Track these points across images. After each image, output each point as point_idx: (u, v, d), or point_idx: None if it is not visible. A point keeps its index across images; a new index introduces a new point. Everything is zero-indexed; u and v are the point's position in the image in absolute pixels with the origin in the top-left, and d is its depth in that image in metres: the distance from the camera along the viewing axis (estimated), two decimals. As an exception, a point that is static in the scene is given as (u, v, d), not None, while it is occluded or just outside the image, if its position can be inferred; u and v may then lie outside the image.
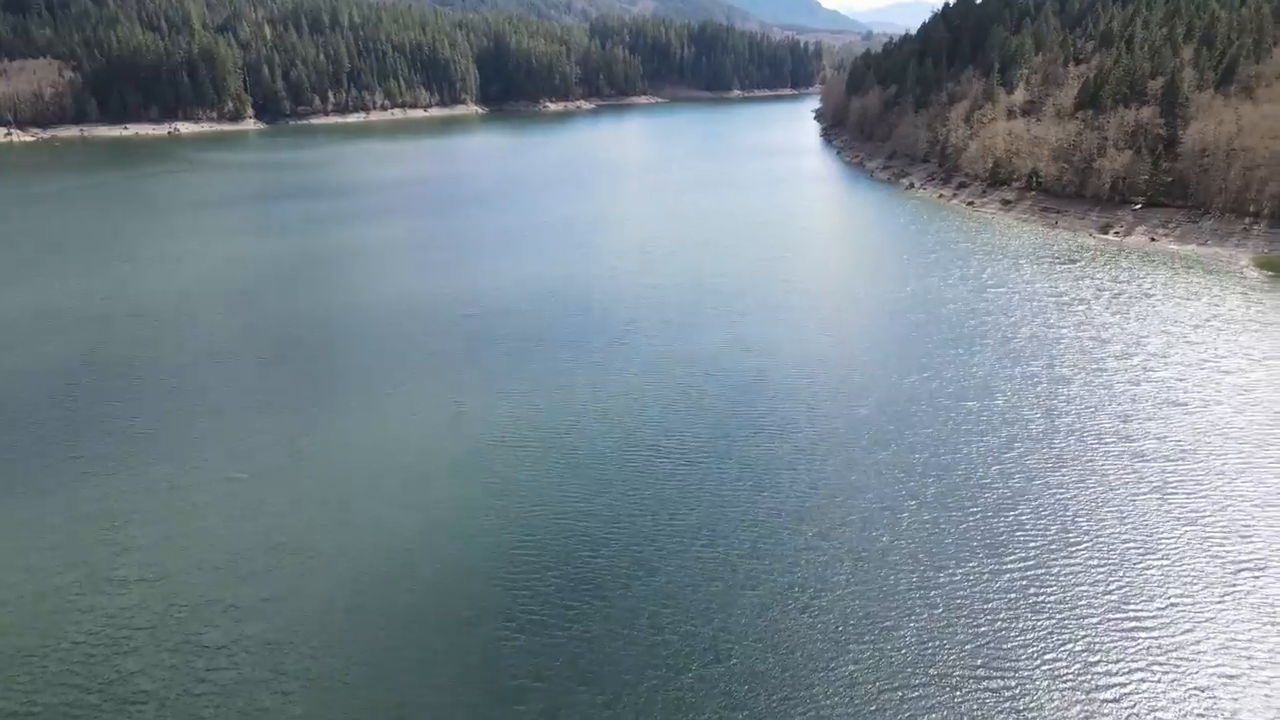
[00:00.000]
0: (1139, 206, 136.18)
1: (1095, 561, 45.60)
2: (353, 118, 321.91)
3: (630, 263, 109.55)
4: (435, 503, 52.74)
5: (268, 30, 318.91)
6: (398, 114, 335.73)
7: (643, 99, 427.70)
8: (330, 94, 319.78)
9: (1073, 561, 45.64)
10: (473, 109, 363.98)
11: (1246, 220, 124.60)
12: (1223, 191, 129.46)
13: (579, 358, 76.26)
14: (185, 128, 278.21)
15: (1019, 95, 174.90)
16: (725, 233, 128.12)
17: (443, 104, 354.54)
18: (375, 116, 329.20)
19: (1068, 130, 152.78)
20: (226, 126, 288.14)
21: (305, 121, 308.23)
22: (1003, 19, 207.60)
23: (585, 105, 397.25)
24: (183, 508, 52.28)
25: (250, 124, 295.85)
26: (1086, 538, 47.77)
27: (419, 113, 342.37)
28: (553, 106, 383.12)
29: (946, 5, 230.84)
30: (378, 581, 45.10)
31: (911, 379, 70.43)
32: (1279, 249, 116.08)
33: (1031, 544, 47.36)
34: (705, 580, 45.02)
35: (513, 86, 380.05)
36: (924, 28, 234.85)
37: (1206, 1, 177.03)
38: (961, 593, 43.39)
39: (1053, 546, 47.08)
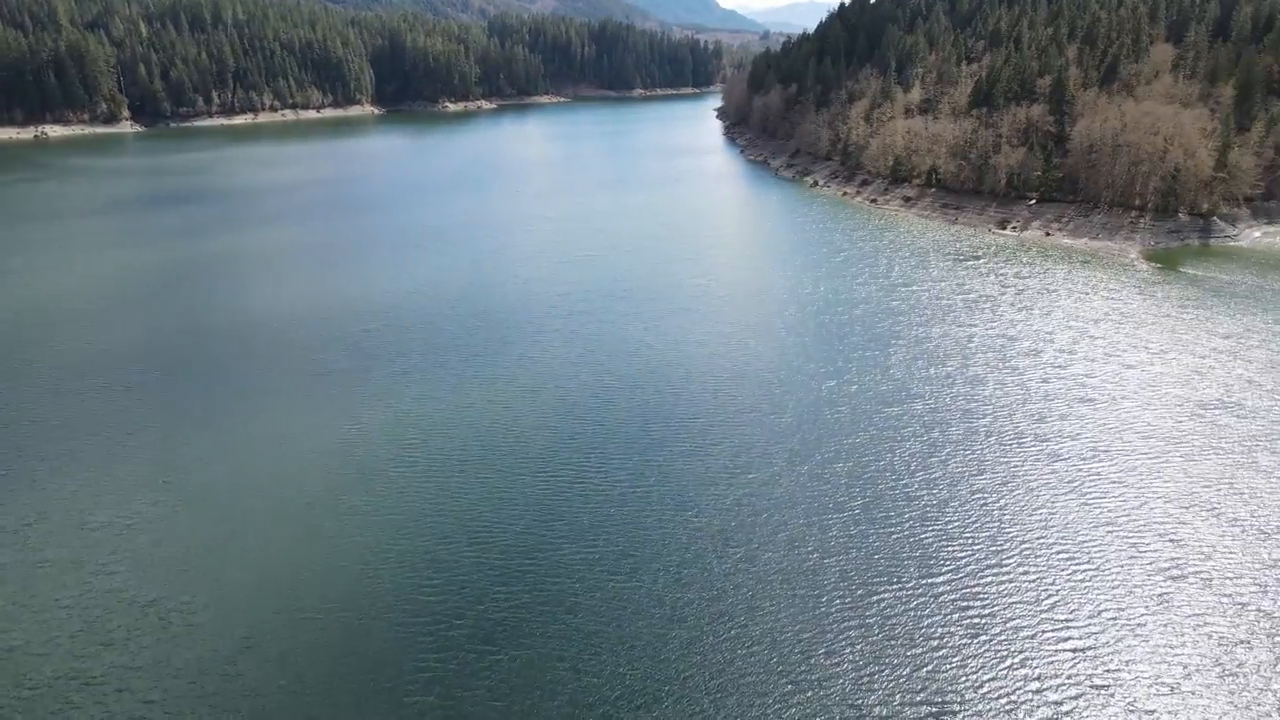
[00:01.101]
0: (1034, 202, 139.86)
1: (1024, 572, 44.54)
2: (240, 119, 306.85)
3: (537, 269, 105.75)
4: (324, 545, 48.14)
5: (143, 27, 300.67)
6: (288, 115, 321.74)
7: (545, 98, 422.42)
8: (215, 94, 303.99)
9: (1002, 573, 44.48)
10: (368, 110, 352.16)
11: (1133, 214, 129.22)
12: (1110, 186, 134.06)
13: (483, 374, 72.23)
14: (54, 131, 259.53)
15: (915, 94, 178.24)
16: (634, 235, 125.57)
17: (336, 105, 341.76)
18: (264, 118, 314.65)
19: (964, 128, 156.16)
20: (100, 129, 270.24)
21: (188, 124, 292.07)
22: (896, 19, 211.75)
23: (486, 105, 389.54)
24: (27, 563, 46.24)
25: (127, 126, 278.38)
26: (1014, 547, 46.76)
27: (311, 114, 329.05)
28: (452, 107, 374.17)
29: (842, 5, 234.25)
30: (259, 639, 40.43)
31: (830, 384, 69.04)
32: (1164, 242, 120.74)
33: (961, 556, 46.06)
34: (629, 616, 41.99)
35: (410, 86, 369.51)
36: (821, 27, 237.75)
37: (1087, 2, 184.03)
38: (895, 615, 41.58)
39: (982, 558, 45.88)
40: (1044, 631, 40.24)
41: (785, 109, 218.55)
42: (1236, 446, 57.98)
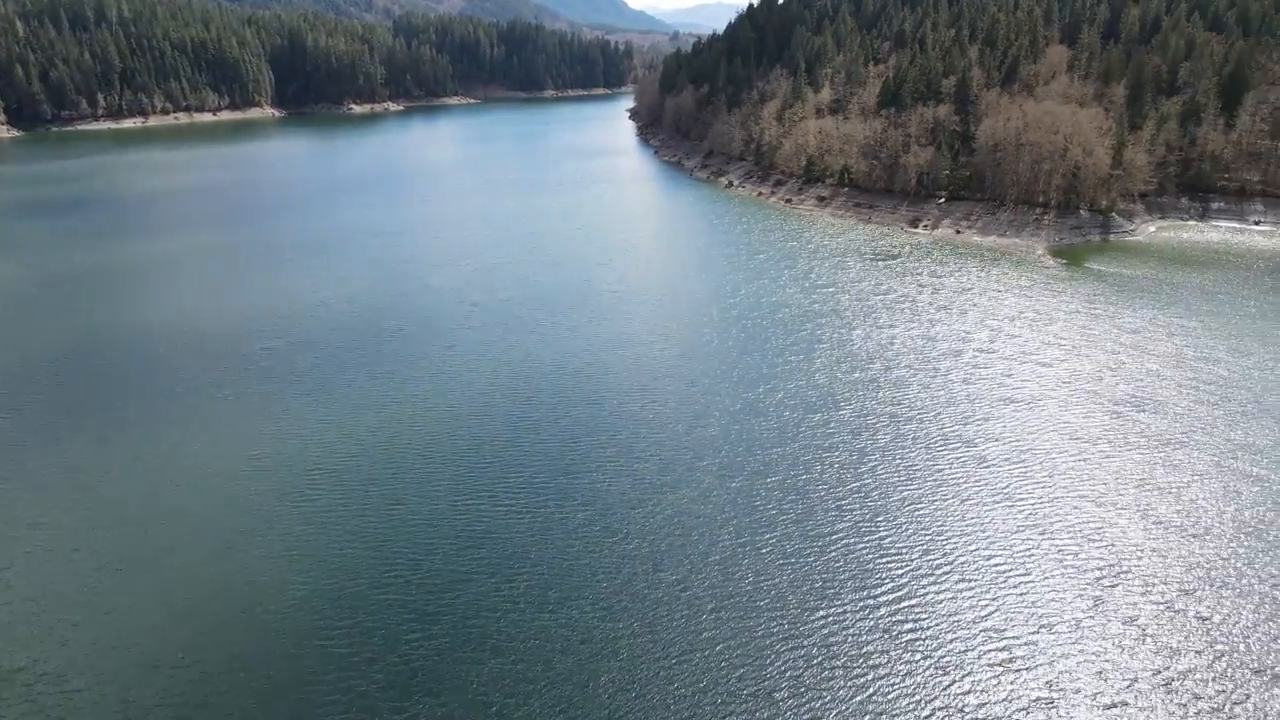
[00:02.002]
0: (943, 200, 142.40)
1: (961, 584, 43.69)
2: (129, 123, 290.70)
3: (449, 277, 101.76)
4: (214, 584, 44.05)
5: (19, 26, 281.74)
6: (182, 118, 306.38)
7: (454, 100, 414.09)
8: (100, 97, 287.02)
9: (939, 587, 43.53)
10: (268, 112, 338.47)
11: (1038, 210, 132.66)
12: (1015, 184, 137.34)
13: (392, 393, 68.38)
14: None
15: (826, 94, 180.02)
16: (549, 240, 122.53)
17: (234, 107, 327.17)
18: (155, 121, 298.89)
19: (873, 128, 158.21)
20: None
21: (71, 128, 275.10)
22: (804, 20, 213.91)
23: (393, 107, 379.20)
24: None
25: (3, 131, 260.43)
26: (949, 558, 45.92)
27: (207, 117, 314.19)
28: (358, 108, 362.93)
29: (750, 6, 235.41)
30: (153, 692, 36.37)
31: (755, 392, 67.66)
32: (1068, 238, 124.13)
33: (896, 570, 44.95)
34: (557, 654, 39.39)
35: (312, 88, 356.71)
36: (730, 28, 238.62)
37: (986, 5, 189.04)
38: (834, 638, 40.09)
39: (917, 571, 44.87)
40: (983, 646, 39.31)
41: (698, 109, 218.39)
42: (1153, 444, 58.79)
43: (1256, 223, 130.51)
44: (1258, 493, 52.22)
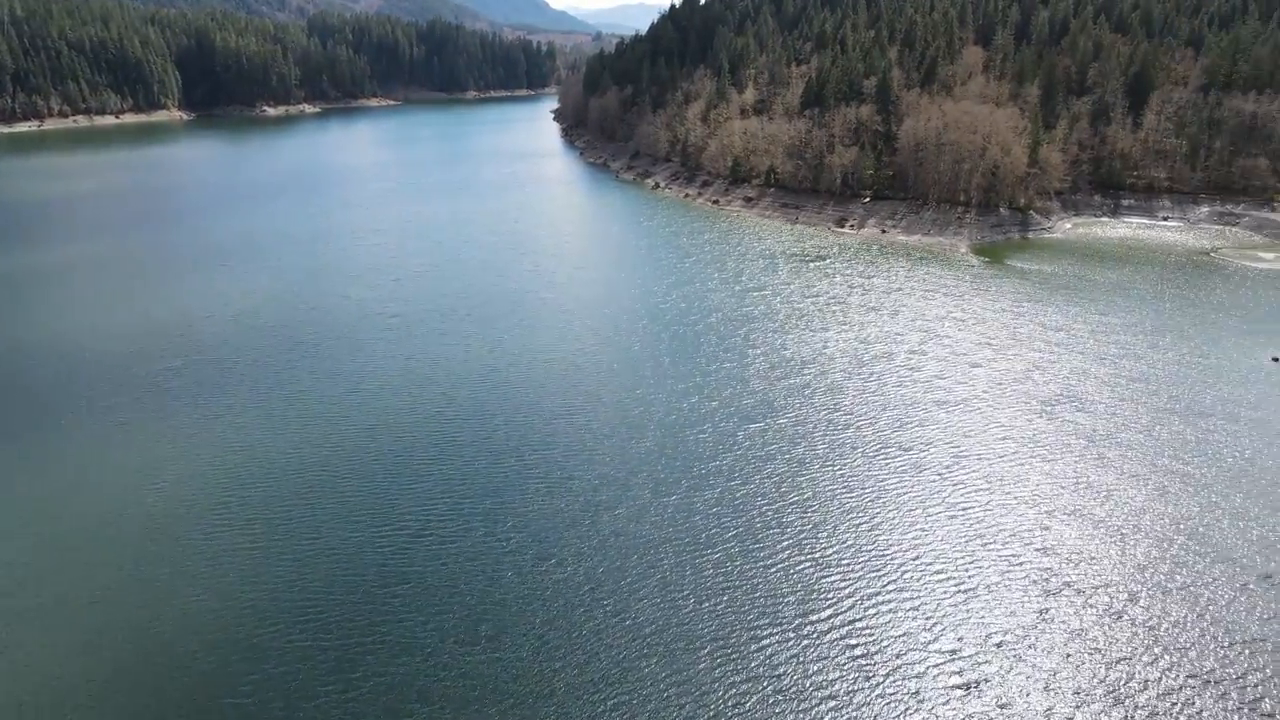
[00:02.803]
0: (868, 199, 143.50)
1: (906, 598, 42.61)
2: (22, 127, 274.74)
3: (368, 288, 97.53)
4: (117, 634, 40.18)
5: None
6: (81, 122, 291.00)
7: (373, 102, 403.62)
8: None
9: (885, 602, 42.39)
10: (176, 115, 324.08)
11: (959, 209, 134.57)
12: (937, 183, 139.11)
13: (308, 414, 64.55)
14: None
15: (750, 94, 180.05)
16: (474, 246, 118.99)
17: (138, 110, 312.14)
18: (52, 125, 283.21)
19: (798, 128, 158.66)
20: None
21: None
22: (726, 20, 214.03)
23: (309, 109, 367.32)
24: None
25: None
26: (892, 571, 44.84)
27: (109, 120, 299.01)
28: (272, 111, 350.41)
29: (673, 6, 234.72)
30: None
31: (690, 401, 65.96)
32: (989, 236, 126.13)
33: (840, 586, 43.67)
34: (489, 696, 36.84)
35: (223, 89, 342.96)
36: (653, 28, 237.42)
37: (903, 7, 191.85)
38: (780, 662, 38.50)
39: (862, 587, 43.65)
40: (932, 665, 38.22)
41: (622, 110, 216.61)
42: (1085, 443, 59.04)
43: (1165, 219, 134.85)
44: (1188, 490, 52.66)
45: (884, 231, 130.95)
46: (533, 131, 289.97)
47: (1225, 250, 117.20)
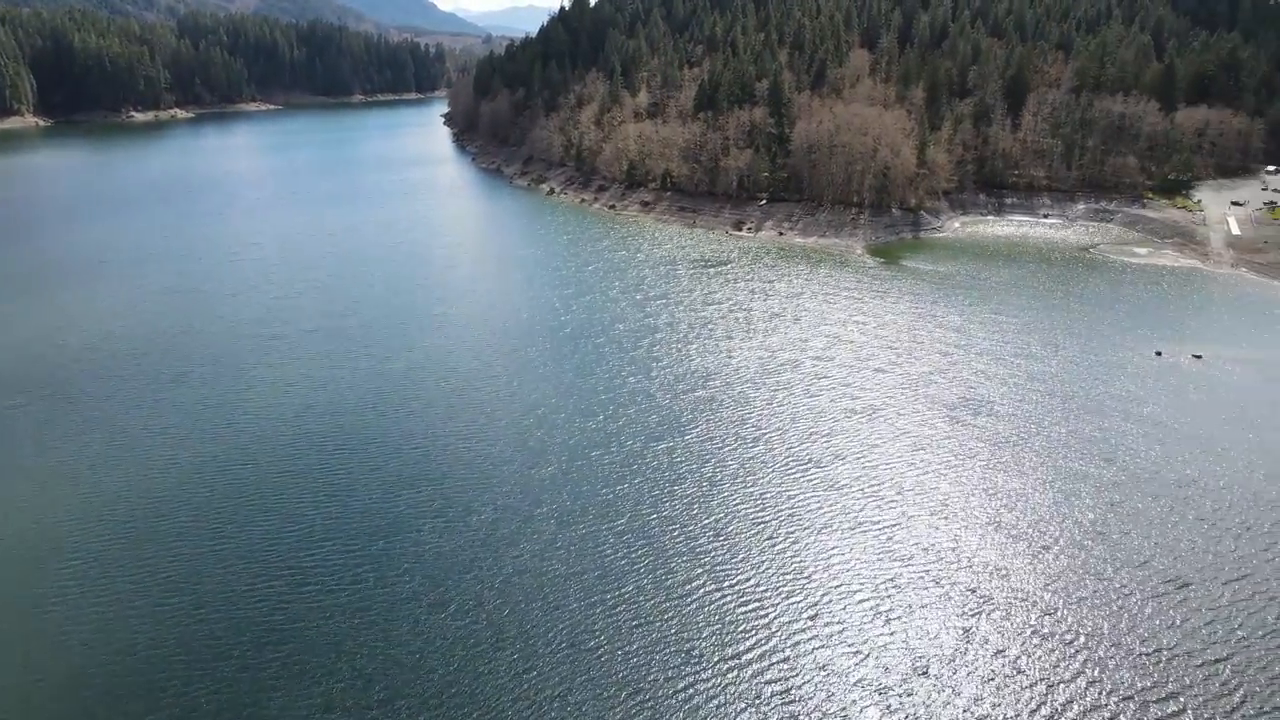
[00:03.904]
0: (764, 201, 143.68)
1: (834, 632, 40.75)
2: None
3: (245, 307, 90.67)
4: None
5: None
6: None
7: (252, 106, 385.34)
8: None
9: (813, 637, 40.40)
10: (30, 121, 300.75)
11: (854, 210, 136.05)
12: (831, 185, 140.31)
13: (177, 450, 58.62)
14: None
15: (643, 97, 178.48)
16: (360, 259, 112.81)
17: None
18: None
19: (692, 131, 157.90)
20: None
21: None
22: (617, 23, 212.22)
23: (181, 114, 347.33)
24: None
25: None
26: (817, 602, 42.92)
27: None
28: (140, 116, 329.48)
29: (562, 9, 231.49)
30: None
31: (594, 421, 63.01)
32: (883, 236, 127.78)
33: (760, 621, 41.45)
34: (382, 776, 33.07)
35: (84, 94, 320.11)
36: (544, 30, 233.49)
37: (791, 10, 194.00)
38: (705, 716, 35.94)
39: (783, 620, 41.55)
40: (859, 699, 36.43)
41: (514, 114, 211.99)
42: (991, 448, 58.90)
43: (1045, 216, 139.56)
44: (1094, 493, 52.90)
45: (781, 234, 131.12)
46: (422, 136, 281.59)
47: (1103, 246, 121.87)
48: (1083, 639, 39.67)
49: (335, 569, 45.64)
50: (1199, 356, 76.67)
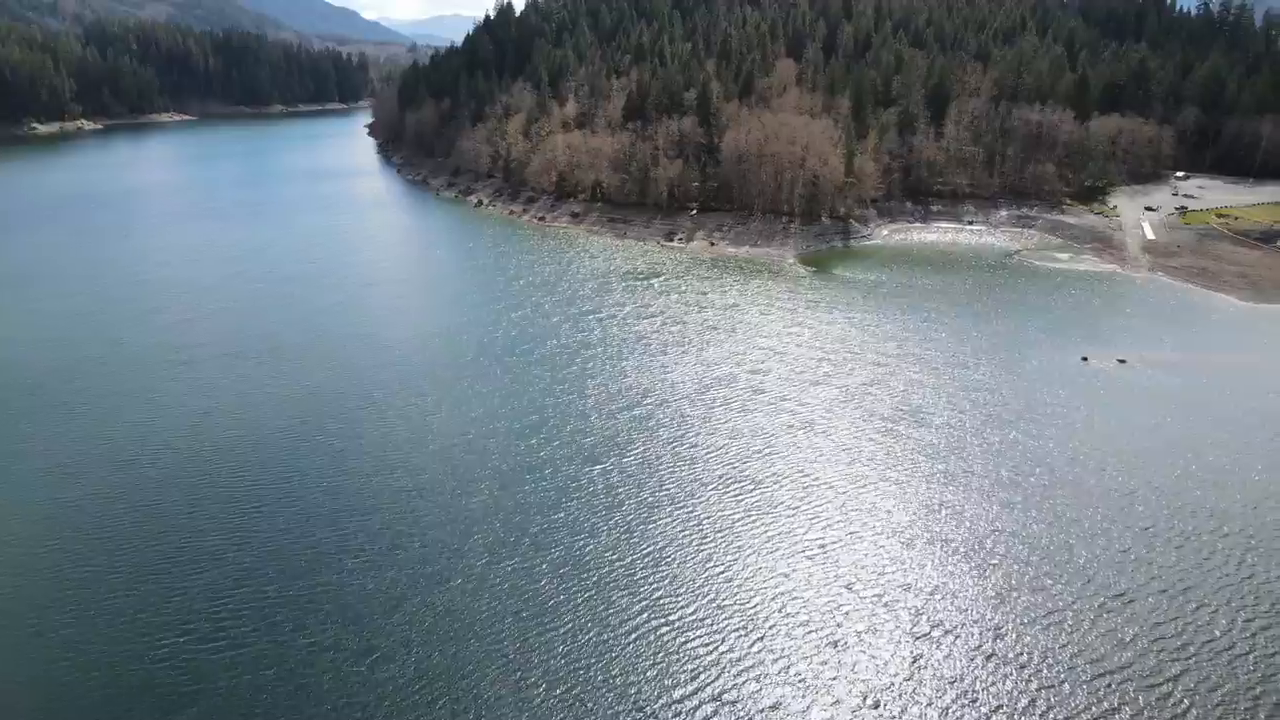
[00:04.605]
0: (695, 212, 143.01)
1: (779, 667, 39.24)
2: None
3: (150, 331, 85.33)
4: None
5: None
6: None
7: (165, 117, 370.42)
8: None
9: (756, 674, 38.82)
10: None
11: (784, 220, 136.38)
12: (761, 194, 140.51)
13: (65, 491, 54.19)
14: None
15: (571, 107, 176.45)
16: (278, 277, 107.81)
17: None
18: None
19: (621, 141, 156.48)
20: None
21: None
22: (543, 32, 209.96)
23: (89, 125, 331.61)
24: None
25: None
26: (761, 635, 41.33)
27: None
28: (43, 128, 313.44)
29: (488, 17, 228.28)
30: None
31: (527, 444, 60.59)
32: (814, 245, 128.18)
33: (707, 657, 39.72)
34: None
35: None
36: (469, 39, 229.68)
37: (717, 20, 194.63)
38: (644, 757, 34.08)
39: (731, 655, 39.88)
40: (807, 736, 35.02)
41: (440, 125, 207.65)
42: (929, 461, 58.43)
43: (970, 223, 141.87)
44: (1033, 504, 52.74)
45: (713, 244, 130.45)
46: (346, 147, 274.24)
47: (1026, 252, 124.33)
48: (1032, 661, 38.94)
49: (248, 616, 42.37)
50: (1123, 361, 78.03)
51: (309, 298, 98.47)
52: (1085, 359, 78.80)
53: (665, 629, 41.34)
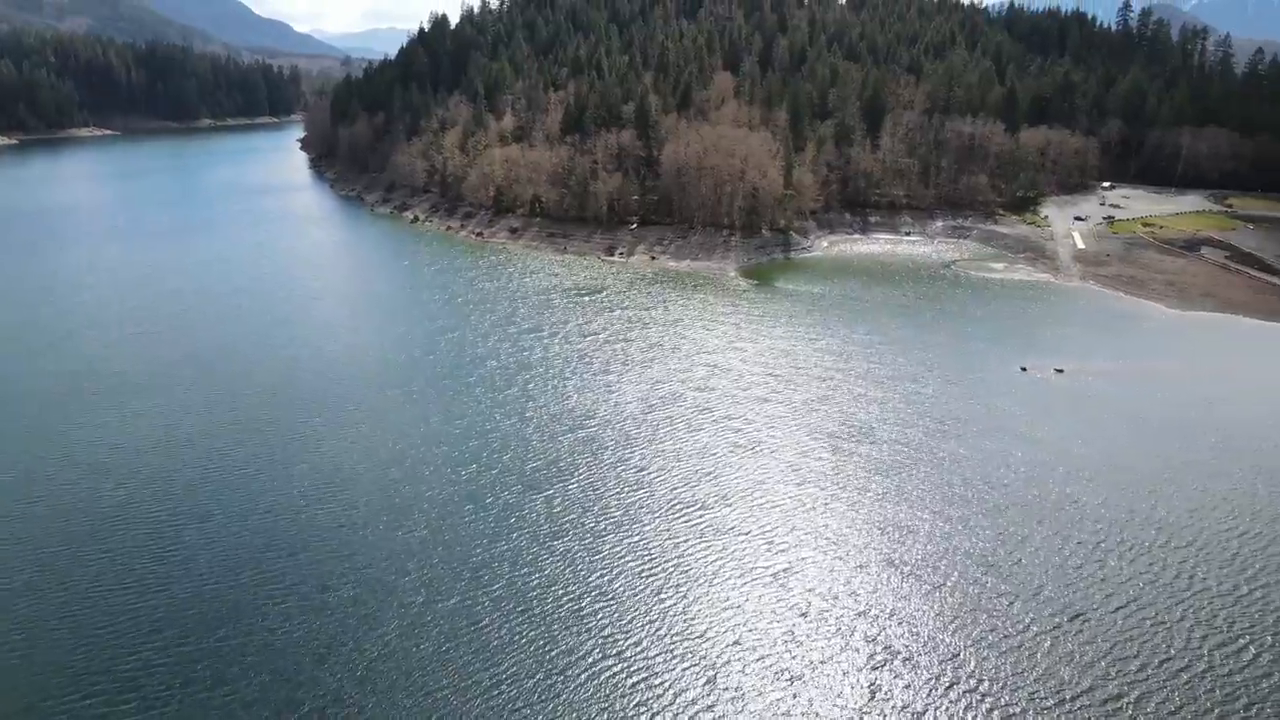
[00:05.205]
0: (635, 226, 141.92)
1: (738, 705, 37.65)
2: None
3: (68, 357, 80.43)
4: None
5: None
6: None
7: (85, 132, 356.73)
8: None
9: (716, 715, 37.14)
10: None
11: (725, 232, 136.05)
12: (701, 207, 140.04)
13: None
14: None
15: (508, 121, 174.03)
16: (207, 298, 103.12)
17: None
18: None
19: (560, 155, 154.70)
20: None
21: None
22: (479, 45, 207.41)
23: (3, 141, 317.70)
24: None
25: None
26: (714, 671, 39.72)
27: None
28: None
29: (423, 30, 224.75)
30: None
31: (466, 472, 58.23)
32: (755, 258, 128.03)
33: (661, 700, 37.96)
34: None
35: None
36: (403, 52, 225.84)
37: (654, 33, 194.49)
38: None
39: (687, 698, 38.12)
40: (764, 778, 33.50)
41: (375, 139, 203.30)
42: (879, 478, 57.75)
43: (907, 234, 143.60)
44: (983, 520, 52.29)
45: (654, 258, 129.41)
46: (278, 163, 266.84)
47: (963, 262, 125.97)
48: (993, 689, 38.00)
49: (162, 672, 39.25)
50: (1061, 371, 78.85)
51: (234, 320, 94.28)
52: (1024, 369, 79.42)
53: (614, 667, 39.49)
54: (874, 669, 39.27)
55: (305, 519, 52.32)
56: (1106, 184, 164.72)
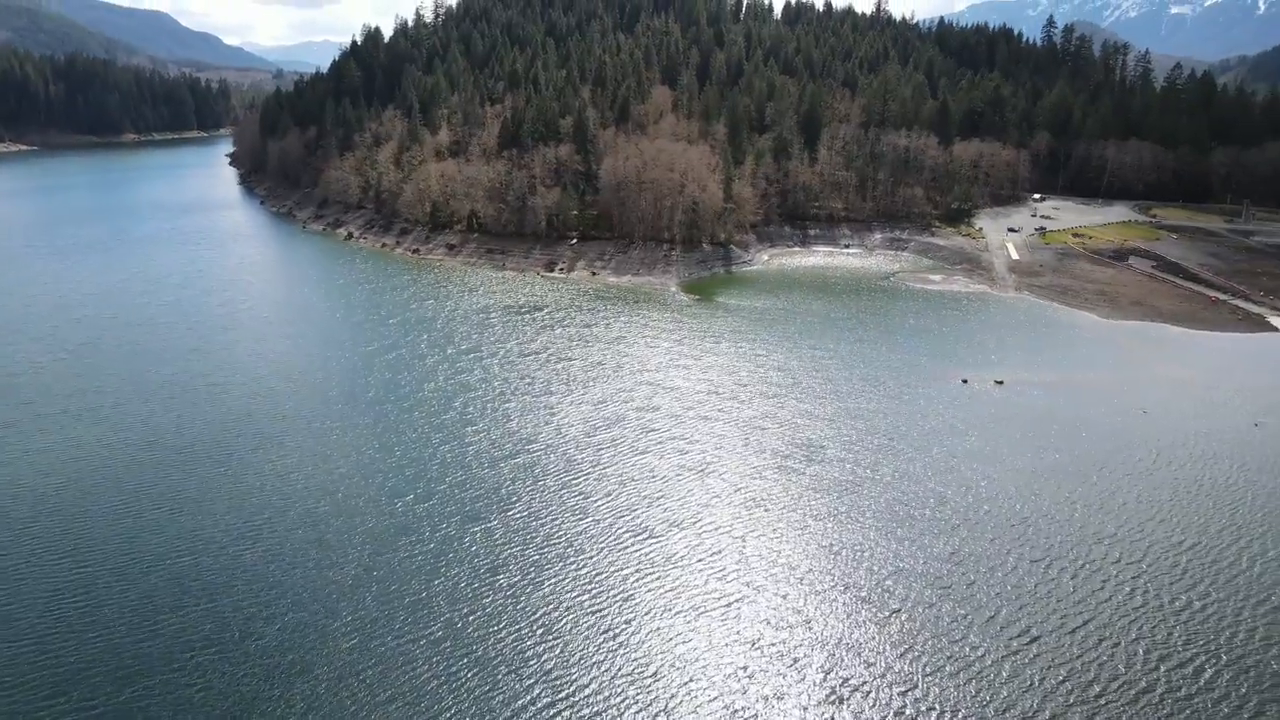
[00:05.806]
0: (575, 241, 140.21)
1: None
2: None
3: (-29, 391, 75.84)
4: None
5: None
6: None
7: (0, 147, 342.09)
8: None
9: (654, 747, 35.53)
10: None
11: (665, 247, 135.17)
12: (641, 221, 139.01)
13: None
14: None
15: (444, 135, 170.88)
16: (125, 323, 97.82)
17: None
18: None
19: (497, 170, 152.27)
20: None
21: None
22: (414, 58, 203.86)
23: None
24: None
25: None
26: (668, 709, 38.13)
27: None
28: None
29: (355, 43, 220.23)
30: None
31: (402, 502, 55.62)
32: (696, 272, 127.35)
33: (600, 735, 36.17)
34: None
35: None
36: (335, 65, 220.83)
37: (591, 47, 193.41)
38: None
39: (625, 729, 36.47)
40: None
41: (306, 154, 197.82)
42: (828, 499, 56.85)
43: (847, 246, 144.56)
44: (936, 541, 51.65)
45: (594, 273, 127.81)
46: (205, 178, 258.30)
47: (902, 274, 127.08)
48: (946, 716, 37.04)
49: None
50: (1000, 382, 79.38)
51: (157, 344, 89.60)
52: (965, 381, 79.77)
53: (562, 713, 37.44)
54: (830, 703, 38.01)
55: (228, 559, 49.14)
56: (1037, 195, 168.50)
